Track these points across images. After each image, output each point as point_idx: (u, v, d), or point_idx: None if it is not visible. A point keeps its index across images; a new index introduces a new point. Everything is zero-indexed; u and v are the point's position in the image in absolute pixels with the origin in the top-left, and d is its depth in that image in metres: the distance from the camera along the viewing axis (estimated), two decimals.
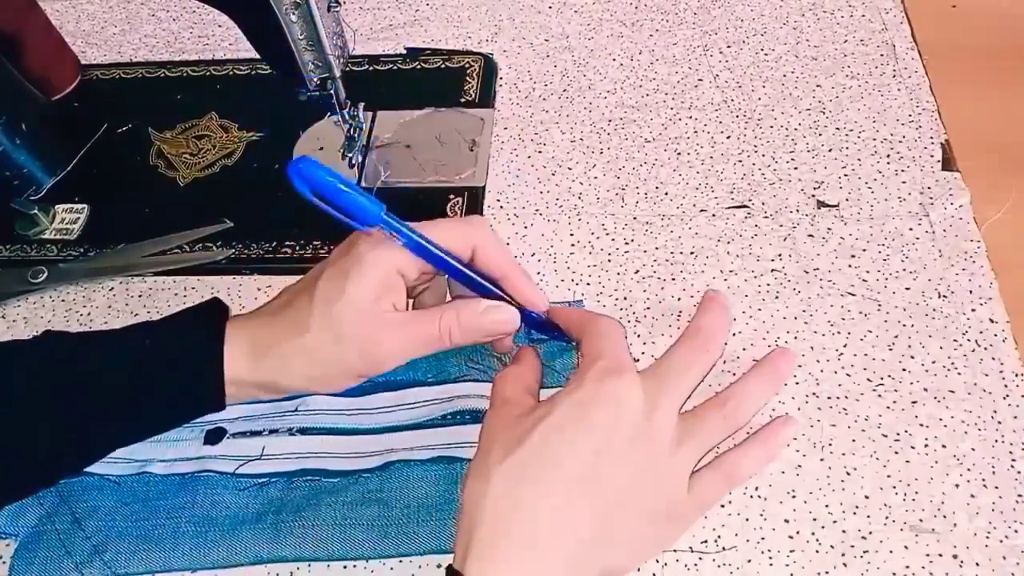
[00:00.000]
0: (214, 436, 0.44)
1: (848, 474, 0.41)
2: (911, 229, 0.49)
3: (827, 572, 0.38)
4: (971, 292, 0.46)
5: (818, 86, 0.57)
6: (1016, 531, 0.38)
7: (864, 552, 0.38)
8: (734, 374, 0.44)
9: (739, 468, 0.39)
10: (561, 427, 0.35)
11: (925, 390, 0.43)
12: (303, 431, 0.44)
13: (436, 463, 0.42)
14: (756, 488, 0.41)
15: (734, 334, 0.46)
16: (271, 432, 0.44)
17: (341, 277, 0.37)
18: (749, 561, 0.39)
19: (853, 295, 0.47)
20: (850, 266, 0.48)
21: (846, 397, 0.43)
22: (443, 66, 0.62)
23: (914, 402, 0.43)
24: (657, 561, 0.39)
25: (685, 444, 0.37)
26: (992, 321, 0.45)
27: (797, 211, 0.51)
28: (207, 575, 0.40)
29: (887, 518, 0.39)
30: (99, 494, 0.43)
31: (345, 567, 0.40)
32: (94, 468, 0.42)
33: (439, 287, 0.44)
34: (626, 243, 0.51)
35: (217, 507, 0.42)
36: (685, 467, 0.37)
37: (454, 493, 0.41)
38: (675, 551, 0.39)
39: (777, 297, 0.47)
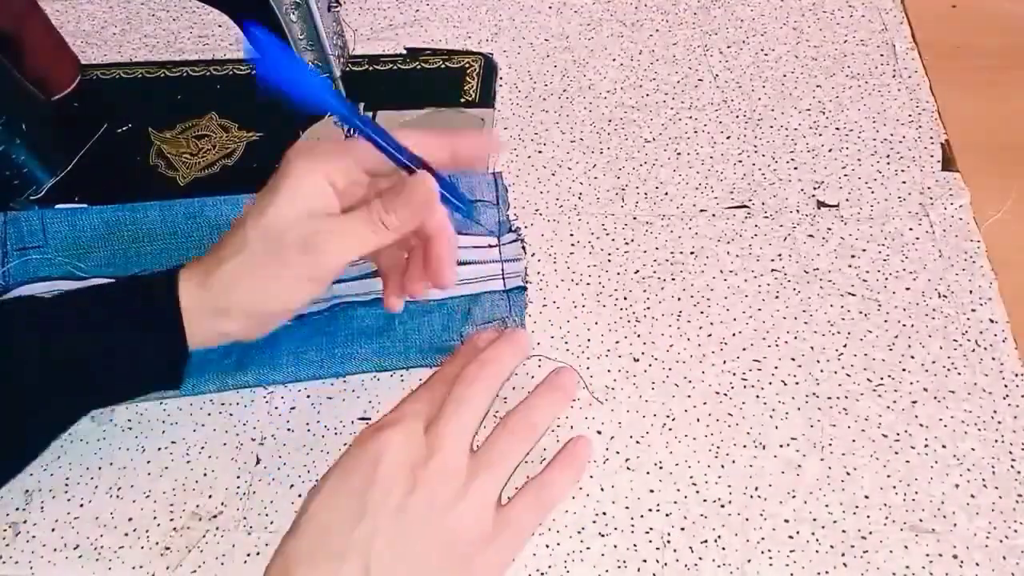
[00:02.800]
0: None
1: (848, 474, 0.41)
2: (911, 229, 0.49)
3: (827, 572, 0.38)
4: (971, 292, 0.46)
5: (818, 86, 0.57)
6: (1016, 531, 0.38)
7: (864, 552, 0.38)
8: (734, 374, 0.44)
9: (551, 492, 0.38)
10: (329, 501, 0.35)
11: (925, 390, 0.43)
12: None
13: (377, 303, 0.48)
14: (756, 488, 0.41)
15: (734, 334, 0.46)
16: None
17: (272, 192, 0.38)
18: (749, 561, 0.39)
19: (853, 295, 0.47)
20: (850, 266, 0.48)
21: (846, 397, 0.43)
22: (443, 66, 0.62)
23: (914, 402, 0.43)
24: (657, 562, 0.39)
25: (479, 477, 0.36)
26: (992, 321, 0.45)
27: (797, 211, 0.51)
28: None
29: (887, 518, 0.39)
30: None
31: None
32: None
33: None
34: (626, 243, 0.51)
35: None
36: (483, 499, 0.36)
37: (393, 322, 0.48)
38: (675, 551, 0.39)
39: (777, 297, 0.47)
